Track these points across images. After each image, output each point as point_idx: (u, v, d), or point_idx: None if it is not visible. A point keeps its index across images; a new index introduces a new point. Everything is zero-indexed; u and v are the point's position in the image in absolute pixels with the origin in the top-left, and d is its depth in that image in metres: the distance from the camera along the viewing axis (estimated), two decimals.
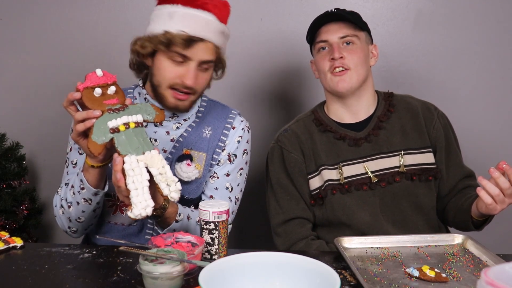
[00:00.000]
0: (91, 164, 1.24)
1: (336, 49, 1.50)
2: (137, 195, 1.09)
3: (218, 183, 1.49)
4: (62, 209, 1.38)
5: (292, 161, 1.55)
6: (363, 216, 1.49)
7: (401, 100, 1.61)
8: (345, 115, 1.58)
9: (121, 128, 1.14)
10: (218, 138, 1.49)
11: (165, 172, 1.13)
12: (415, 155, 1.53)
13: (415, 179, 1.51)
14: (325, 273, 0.88)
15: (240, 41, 2.11)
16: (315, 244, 1.47)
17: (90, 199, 1.31)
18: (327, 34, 1.52)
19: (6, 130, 2.15)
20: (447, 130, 1.58)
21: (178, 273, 1.01)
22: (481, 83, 2.13)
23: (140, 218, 1.09)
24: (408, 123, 1.56)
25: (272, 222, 1.57)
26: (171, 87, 1.38)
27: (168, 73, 1.37)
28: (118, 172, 1.12)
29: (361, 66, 1.51)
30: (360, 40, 1.53)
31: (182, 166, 1.42)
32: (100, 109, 1.16)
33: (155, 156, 1.14)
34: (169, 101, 1.40)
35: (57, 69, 2.23)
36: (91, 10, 2.20)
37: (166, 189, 1.11)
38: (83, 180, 1.27)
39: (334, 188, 1.51)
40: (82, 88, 1.18)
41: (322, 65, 1.54)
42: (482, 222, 1.42)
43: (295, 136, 1.58)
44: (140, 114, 1.18)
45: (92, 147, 1.13)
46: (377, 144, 1.53)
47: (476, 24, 2.10)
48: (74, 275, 1.12)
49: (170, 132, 1.47)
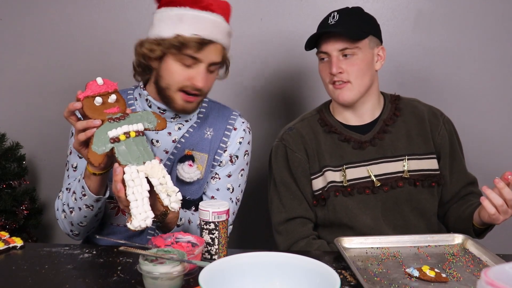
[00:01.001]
0: (93, 172, 1.23)
1: (334, 64, 1.47)
2: (136, 207, 1.08)
3: (219, 184, 1.49)
4: (64, 213, 1.38)
5: (296, 160, 1.55)
6: (365, 219, 1.49)
7: (407, 104, 1.60)
8: (351, 117, 1.58)
9: (121, 137, 1.13)
10: (219, 139, 1.49)
11: (166, 182, 1.12)
12: (419, 161, 1.53)
13: (418, 184, 1.51)
14: (325, 273, 0.88)
15: (240, 41, 2.11)
16: (316, 244, 1.47)
17: (92, 205, 1.31)
18: (327, 46, 1.49)
19: (6, 130, 2.15)
20: (452, 136, 1.58)
21: (178, 273, 1.01)
22: (481, 83, 2.13)
23: (140, 229, 1.09)
24: (414, 128, 1.55)
25: (273, 220, 1.56)
26: (181, 89, 1.37)
27: (178, 76, 1.36)
28: (118, 182, 1.11)
29: (362, 78, 1.49)
30: (362, 50, 1.49)
31: (184, 167, 1.42)
32: (100, 118, 1.15)
33: (155, 166, 1.13)
34: (178, 104, 1.39)
35: (57, 69, 2.23)
36: (91, 10, 2.20)
37: (167, 199, 1.11)
38: (84, 187, 1.27)
39: (337, 190, 1.51)
40: (83, 97, 1.17)
41: (323, 75, 1.54)
42: (484, 230, 1.42)
43: (300, 135, 1.58)
44: (141, 122, 1.18)
45: (92, 157, 1.12)
46: (381, 148, 1.53)
47: (476, 24, 2.10)
48: (74, 275, 1.12)
49: (172, 133, 1.47)
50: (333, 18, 1.50)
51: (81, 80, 1.20)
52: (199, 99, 1.41)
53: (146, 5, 2.12)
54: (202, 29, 1.33)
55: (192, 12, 1.34)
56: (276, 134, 1.67)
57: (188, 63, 1.35)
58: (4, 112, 2.27)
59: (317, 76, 1.63)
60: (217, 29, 1.35)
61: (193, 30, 1.32)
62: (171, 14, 1.35)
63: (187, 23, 1.33)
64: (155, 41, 1.36)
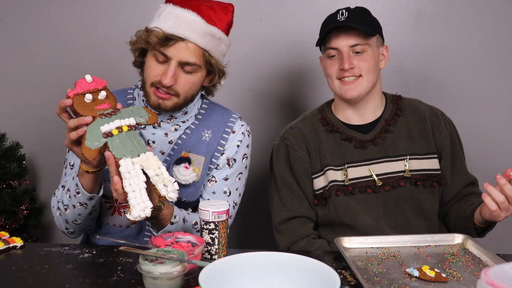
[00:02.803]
0: (86, 170, 1.24)
1: (346, 60, 1.47)
2: (134, 197, 1.09)
3: (216, 187, 1.48)
4: (59, 210, 1.38)
5: (297, 159, 1.55)
6: (366, 219, 1.49)
7: (408, 104, 1.60)
8: (352, 116, 1.58)
9: (114, 132, 1.14)
10: (217, 142, 1.48)
11: (161, 173, 1.12)
12: (420, 161, 1.53)
13: (419, 184, 1.51)
14: (325, 273, 0.88)
15: (240, 41, 2.11)
16: (317, 243, 1.47)
17: (86, 203, 1.32)
18: (337, 41, 1.48)
19: (6, 130, 2.15)
20: (453, 137, 1.58)
21: (178, 273, 1.01)
22: (481, 83, 2.13)
23: (139, 219, 1.09)
24: (415, 128, 1.56)
25: (274, 219, 1.56)
26: (153, 85, 1.38)
27: (151, 71, 1.37)
28: (114, 175, 1.12)
29: (372, 73, 1.50)
30: (371, 47, 1.50)
31: (180, 169, 1.42)
32: (91, 114, 1.16)
33: (150, 157, 1.13)
34: (152, 99, 1.39)
35: (57, 69, 2.23)
36: (91, 10, 2.20)
37: (164, 189, 1.11)
38: (78, 184, 1.28)
39: (338, 189, 1.51)
40: (73, 95, 1.18)
41: (330, 71, 1.52)
42: (485, 228, 1.42)
43: (301, 134, 1.57)
44: (133, 117, 1.19)
45: (86, 152, 1.13)
46: (383, 147, 1.53)
47: (476, 24, 2.10)
48: (74, 275, 1.12)
49: (168, 134, 1.47)
50: (342, 15, 1.49)
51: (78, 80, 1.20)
52: (175, 99, 1.39)
53: (146, 5, 2.12)
54: (167, 24, 1.33)
55: (171, 8, 1.36)
56: (276, 134, 1.67)
57: (160, 59, 1.36)
58: (4, 112, 2.26)
59: (317, 76, 1.63)
60: (188, 26, 1.34)
61: (159, 24, 1.34)
62: (159, 10, 1.39)
63: (159, 18, 1.35)
64: (139, 33, 1.39)
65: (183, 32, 1.33)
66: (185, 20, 1.34)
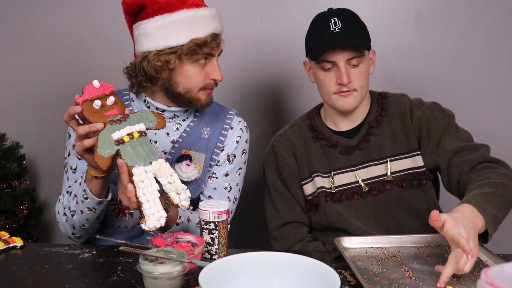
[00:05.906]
0: (95, 175, 1.23)
1: (344, 74, 1.42)
2: (149, 207, 1.08)
3: (216, 183, 1.49)
4: (65, 216, 1.37)
5: (286, 166, 1.55)
6: (357, 224, 1.48)
7: (393, 102, 1.55)
8: (341, 121, 1.55)
9: (126, 139, 1.13)
10: (216, 138, 1.49)
11: (174, 180, 1.12)
12: (403, 160, 1.49)
13: (405, 185, 1.47)
14: (325, 273, 0.88)
15: (240, 41, 2.11)
16: (312, 246, 1.47)
17: (95, 208, 1.31)
18: (334, 56, 1.43)
19: (6, 130, 2.15)
20: (434, 118, 1.48)
21: (178, 273, 1.01)
22: (481, 83, 2.13)
23: (154, 229, 1.09)
24: (398, 126, 1.51)
25: (268, 226, 1.56)
26: (203, 88, 1.40)
27: (198, 78, 1.38)
28: (128, 183, 1.11)
29: (366, 85, 1.49)
30: (365, 57, 1.47)
31: (182, 167, 1.42)
32: (101, 121, 1.14)
33: (162, 165, 1.13)
34: (203, 101, 1.41)
35: (57, 69, 2.23)
36: (91, 10, 2.20)
37: (177, 198, 1.11)
38: (86, 190, 1.27)
39: (326, 195, 1.50)
40: (81, 101, 1.16)
41: (327, 85, 1.47)
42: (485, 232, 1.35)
43: (289, 142, 1.57)
44: (142, 122, 1.18)
45: (99, 161, 1.11)
46: (367, 151, 1.51)
47: (476, 24, 2.10)
48: (74, 275, 1.12)
49: (170, 133, 1.47)
50: (335, 25, 1.44)
51: (81, 80, 1.20)
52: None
53: None
54: (211, 25, 1.36)
55: (190, 12, 1.34)
56: (274, 134, 1.67)
57: (203, 62, 1.37)
58: (4, 112, 2.27)
59: None
60: (215, 20, 1.38)
61: (205, 29, 1.35)
62: (171, 20, 1.33)
63: (196, 25, 1.34)
64: (170, 50, 1.33)
65: (218, 27, 1.39)
66: (212, 17, 1.37)
